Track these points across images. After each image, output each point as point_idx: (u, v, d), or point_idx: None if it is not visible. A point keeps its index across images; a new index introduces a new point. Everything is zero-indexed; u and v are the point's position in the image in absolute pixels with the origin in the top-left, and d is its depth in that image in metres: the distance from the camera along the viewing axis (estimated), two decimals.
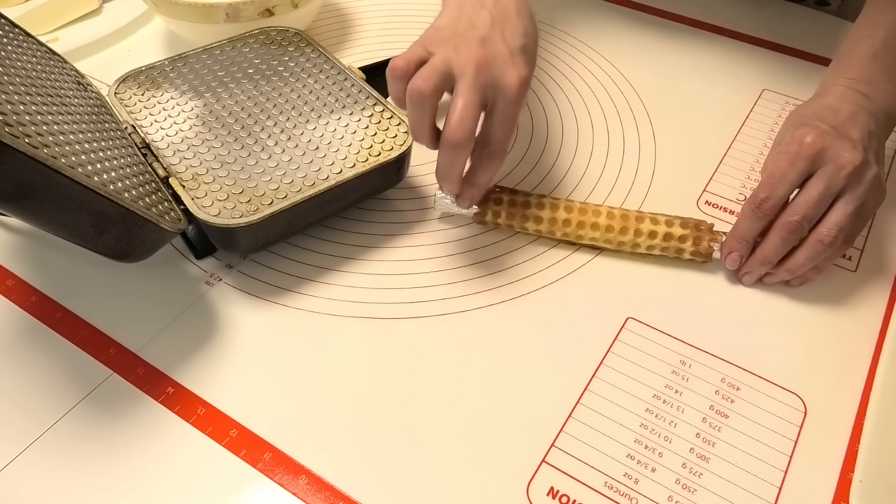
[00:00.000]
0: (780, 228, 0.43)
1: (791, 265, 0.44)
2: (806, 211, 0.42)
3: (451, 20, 0.43)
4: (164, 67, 0.52)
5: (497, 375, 0.41)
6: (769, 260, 0.44)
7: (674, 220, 0.46)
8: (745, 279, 0.46)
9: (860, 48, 0.48)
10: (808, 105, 0.47)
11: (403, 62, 0.40)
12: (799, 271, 0.45)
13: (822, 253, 0.43)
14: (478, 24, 0.42)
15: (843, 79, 0.47)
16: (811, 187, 0.43)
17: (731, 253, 0.45)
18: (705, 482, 0.37)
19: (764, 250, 0.44)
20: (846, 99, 0.45)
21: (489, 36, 0.41)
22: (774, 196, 0.43)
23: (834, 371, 0.42)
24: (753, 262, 0.45)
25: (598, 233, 0.46)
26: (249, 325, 0.43)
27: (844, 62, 0.48)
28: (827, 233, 0.42)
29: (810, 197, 0.42)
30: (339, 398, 0.40)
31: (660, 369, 0.42)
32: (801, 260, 0.44)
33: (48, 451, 0.37)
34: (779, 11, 0.72)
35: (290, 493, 0.36)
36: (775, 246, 0.44)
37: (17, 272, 0.46)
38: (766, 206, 0.43)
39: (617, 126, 0.58)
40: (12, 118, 0.34)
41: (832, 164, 0.42)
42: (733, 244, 0.45)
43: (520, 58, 0.41)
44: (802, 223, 0.43)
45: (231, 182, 0.43)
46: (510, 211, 0.47)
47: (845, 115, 0.44)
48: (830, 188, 0.42)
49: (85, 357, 0.41)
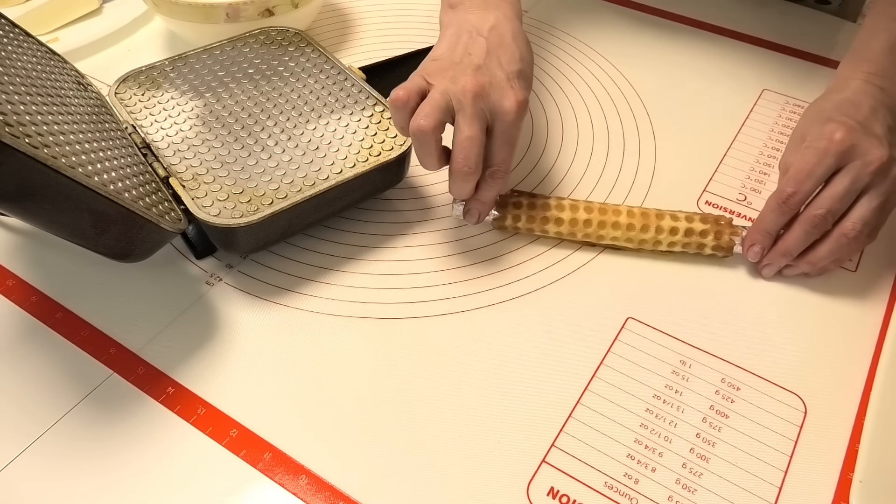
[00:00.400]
0: (805, 222, 0.44)
1: (813, 258, 0.45)
2: (831, 205, 0.43)
3: (447, 49, 0.44)
4: (164, 67, 0.52)
5: (497, 375, 0.41)
6: (790, 252, 0.45)
7: (693, 216, 0.46)
8: (765, 271, 0.46)
9: (876, 42, 0.48)
10: (828, 99, 0.47)
11: (404, 94, 0.41)
12: (820, 264, 0.45)
13: (846, 247, 0.43)
14: (474, 52, 0.43)
15: (860, 72, 0.47)
16: (837, 182, 0.43)
17: (753, 245, 0.45)
18: (705, 482, 0.37)
19: (786, 243, 0.45)
20: (865, 93, 0.45)
21: (485, 63, 0.42)
22: (801, 191, 0.43)
23: (834, 371, 0.42)
24: (774, 255, 0.45)
25: (620, 232, 0.46)
26: (249, 325, 0.43)
27: (860, 55, 0.48)
28: (852, 227, 0.43)
29: (836, 192, 0.43)
30: (339, 398, 0.40)
31: (660, 369, 0.42)
32: (824, 253, 0.44)
33: (48, 451, 0.37)
34: (779, 11, 0.72)
35: (290, 493, 0.36)
36: (797, 238, 0.44)
37: (17, 272, 0.46)
38: (792, 201, 0.44)
39: (617, 126, 0.58)
40: (12, 118, 0.34)
41: (860, 160, 0.42)
42: (756, 237, 0.45)
43: (516, 82, 0.42)
44: (827, 217, 0.43)
45: (231, 182, 0.43)
46: (530, 214, 0.47)
47: (866, 110, 0.44)
48: (856, 183, 0.42)
49: (85, 357, 0.41)
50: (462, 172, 0.41)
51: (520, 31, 0.46)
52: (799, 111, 0.60)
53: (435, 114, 0.40)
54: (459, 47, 0.44)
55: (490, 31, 0.44)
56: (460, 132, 0.41)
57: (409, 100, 0.41)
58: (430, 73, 0.42)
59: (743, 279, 0.47)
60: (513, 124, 0.42)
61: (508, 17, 0.46)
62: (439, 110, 0.40)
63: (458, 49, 0.44)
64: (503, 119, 0.41)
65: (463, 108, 0.41)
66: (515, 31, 0.45)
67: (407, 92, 0.41)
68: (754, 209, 0.52)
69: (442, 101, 0.41)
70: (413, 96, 0.41)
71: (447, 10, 0.48)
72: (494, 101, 0.41)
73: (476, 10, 0.46)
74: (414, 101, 0.41)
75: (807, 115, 0.47)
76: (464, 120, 0.41)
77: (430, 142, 0.41)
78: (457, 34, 0.45)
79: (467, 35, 0.44)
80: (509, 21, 0.46)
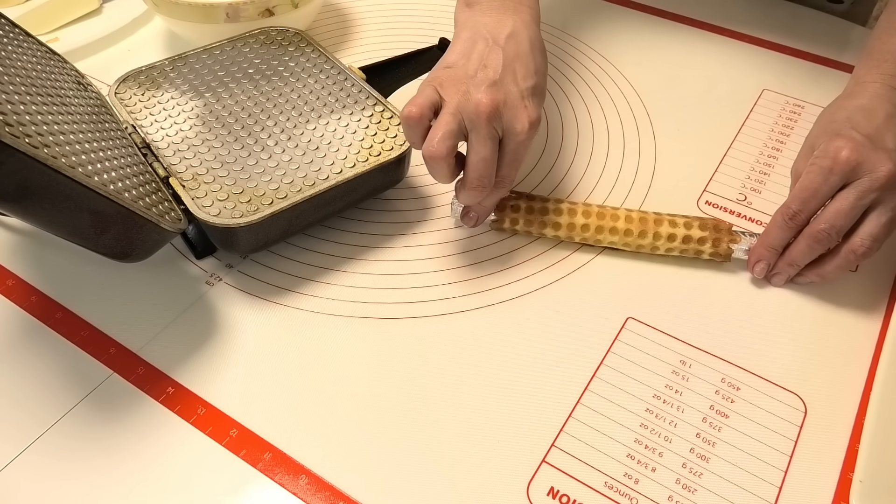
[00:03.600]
0: (808, 237, 0.44)
1: (821, 271, 0.45)
2: (835, 221, 0.42)
3: (461, 57, 0.43)
4: (164, 67, 0.52)
5: (497, 375, 0.41)
6: (796, 263, 0.45)
7: (692, 222, 0.46)
8: (775, 280, 0.46)
9: (893, 42, 0.47)
10: (841, 107, 0.46)
11: (417, 110, 0.41)
12: (828, 277, 0.45)
13: (854, 262, 0.43)
14: (489, 64, 0.42)
15: (876, 74, 0.46)
16: (842, 199, 0.42)
17: (759, 262, 0.46)
18: (705, 482, 0.37)
19: (791, 255, 0.45)
20: (881, 98, 0.45)
21: (500, 79, 0.41)
22: (806, 210, 0.43)
23: (834, 371, 0.42)
24: (782, 264, 0.45)
25: (617, 237, 0.46)
26: (249, 325, 0.43)
27: (877, 56, 0.47)
28: (860, 243, 0.42)
29: (840, 208, 0.42)
30: (339, 398, 0.40)
31: (660, 369, 0.42)
32: (832, 268, 0.44)
33: (48, 451, 0.37)
34: (787, 13, 0.72)
35: (290, 492, 0.36)
36: (802, 252, 0.44)
37: (17, 272, 0.46)
38: (798, 219, 0.44)
39: (617, 126, 0.58)
40: (12, 118, 0.34)
41: (867, 177, 0.42)
42: (762, 252, 0.45)
43: (530, 100, 0.42)
44: (831, 233, 0.43)
45: (231, 182, 0.43)
46: (528, 217, 0.47)
47: (880, 118, 0.44)
48: (862, 200, 0.42)
49: (85, 357, 0.41)
50: (475, 190, 0.42)
51: (537, 38, 0.45)
52: (799, 111, 0.60)
53: (447, 140, 0.40)
54: (475, 56, 0.43)
55: (507, 39, 0.43)
56: (474, 153, 0.41)
57: (422, 117, 0.41)
58: (442, 83, 0.42)
59: (743, 279, 0.47)
60: (523, 143, 0.42)
61: (527, 24, 0.45)
62: (451, 136, 0.40)
63: (473, 58, 0.43)
64: (514, 139, 0.41)
65: (477, 129, 0.40)
66: (533, 40, 0.44)
67: (419, 108, 0.40)
68: (754, 209, 0.52)
69: (454, 123, 0.40)
70: (426, 112, 0.41)
71: (463, 9, 0.47)
72: (507, 120, 0.41)
73: (494, 12, 0.45)
74: (427, 117, 0.41)
75: (819, 122, 0.46)
76: (478, 141, 0.41)
77: (442, 166, 0.41)
78: (472, 39, 0.44)
79: (483, 43, 0.43)
80: (527, 28, 0.45)
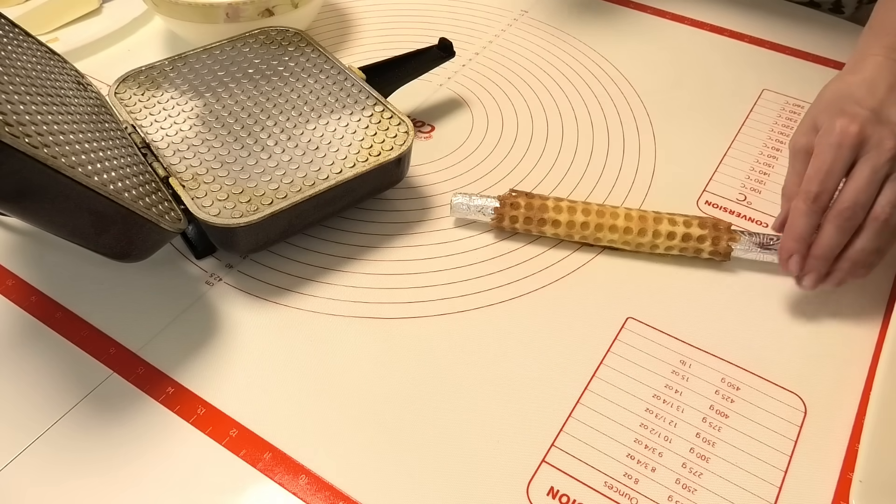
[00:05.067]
0: (835, 217, 0.42)
1: (852, 253, 0.43)
2: (857, 196, 0.41)
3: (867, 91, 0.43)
4: (164, 67, 0.52)
5: (497, 375, 0.41)
6: (828, 254, 0.43)
7: (691, 221, 0.46)
8: (806, 281, 0.44)
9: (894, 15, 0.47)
10: (844, 81, 0.45)
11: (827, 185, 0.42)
12: (860, 257, 0.43)
13: (881, 231, 0.42)
14: None
15: (879, 47, 0.46)
16: (857, 174, 0.42)
17: (791, 256, 0.43)
18: (705, 482, 0.37)
19: (821, 245, 0.43)
20: (884, 69, 0.44)
21: None
22: (827, 188, 0.42)
23: (834, 371, 0.42)
24: (812, 260, 0.43)
25: (617, 235, 0.46)
26: (249, 325, 0.43)
27: (879, 29, 0.47)
28: (881, 210, 0.41)
29: (858, 183, 0.42)
30: (339, 398, 0.40)
31: (660, 369, 0.42)
32: (862, 243, 0.42)
33: (48, 451, 0.37)
34: (788, 13, 0.71)
35: (290, 492, 0.36)
36: (832, 237, 0.42)
37: (17, 272, 0.46)
38: (821, 201, 0.42)
39: (617, 126, 0.58)
40: (12, 118, 0.34)
41: (875, 151, 0.41)
42: (791, 245, 0.43)
43: None
44: (856, 209, 0.41)
45: (231, 182, 0.43)
46: (527, 216, 0.47)
47: (883, 90, 0.43)
48: (877, 172, 0.41)
49: (85, 357, 0.41)
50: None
51: None
52: (799, 111, 0.60)
53: None
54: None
55: None
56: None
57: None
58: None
59: (743, 279, 0.47)
60: None
61: None
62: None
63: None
64: None
65: None
66: None
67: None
68: (754, 209, 0.52)
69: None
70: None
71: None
72: None
73: None
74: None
75: (821, 97, 0.46)
76: None
77: None
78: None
79: None
80: None
